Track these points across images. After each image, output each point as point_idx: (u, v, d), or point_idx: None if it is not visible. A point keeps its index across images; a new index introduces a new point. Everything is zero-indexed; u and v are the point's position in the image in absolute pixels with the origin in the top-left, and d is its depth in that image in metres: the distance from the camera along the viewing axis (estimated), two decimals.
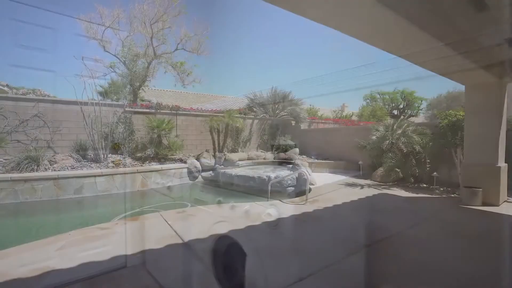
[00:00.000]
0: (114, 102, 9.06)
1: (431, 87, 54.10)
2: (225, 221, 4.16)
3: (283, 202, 5.39)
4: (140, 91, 11.69)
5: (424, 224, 4.07)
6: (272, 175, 7.53)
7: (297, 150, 11.81)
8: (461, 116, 6.15)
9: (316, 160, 10.65)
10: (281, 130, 13.41)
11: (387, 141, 6.89)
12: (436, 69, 4.40)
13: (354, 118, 21.27)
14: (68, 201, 6.26)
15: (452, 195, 6.04)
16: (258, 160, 10.75)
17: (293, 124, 13.47)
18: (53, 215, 5.35)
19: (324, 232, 3.67)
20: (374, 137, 7.32)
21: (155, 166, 8.26)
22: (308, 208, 4.94)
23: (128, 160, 8.43)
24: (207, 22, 11.19)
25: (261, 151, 12.31)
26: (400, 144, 7.11)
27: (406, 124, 7.21)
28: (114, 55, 10.55)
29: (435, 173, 6.59)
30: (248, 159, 10.75)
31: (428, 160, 7.10)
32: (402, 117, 26.27)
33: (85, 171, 6.93)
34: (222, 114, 10.48)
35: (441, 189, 6.53)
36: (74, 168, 7.24)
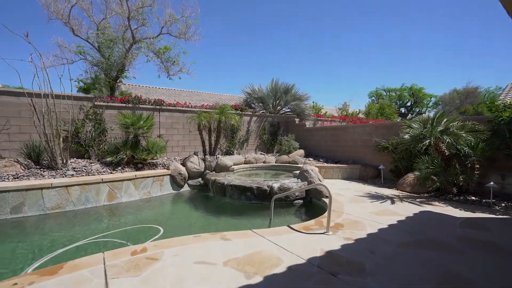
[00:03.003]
0: (79, 94, 7.38)
1: (437, 84, 52.55)
2: (204, 273, 2.52)
3: (293, 229, 3.74)
4: (119, 83, 10.00)
5: None
6: (275, 184, 5.90)
7: (302, 151, 10.20)
8: None
9: (325, 164, 9.02)
10: (283, 128, 11.78)
11: (427, 141, 5.25)
12: None
13: (360, 116, 19.66)
14: None
15: None
16: (257, 164, 9.11)
17: (296, 122, 11.83)
18: None
19: None
20: (406, 136, 5.69)
21: (128, 173, 6.59)
22: (333, 241, 3.30)
23: (96, 166, 6.75)
24: (197, 1, 9.51)
25: (261, 153, 10.66)
26: (441, 145, 5.48)
27: (449, 119, 5.57)
28: (86, 40, 8.85)
29: (492, 183, 4.96)
30: (245, 162, 9.11)
31: (477, 166, 5.48)
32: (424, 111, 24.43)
33: (28, 182, 5.25)
34: (214, 110, 8.84)
35: (503, 204, 4.90)
36: (17, 178, 5.55)
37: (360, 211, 4.72)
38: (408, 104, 25.77)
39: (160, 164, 7.84)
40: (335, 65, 64.75)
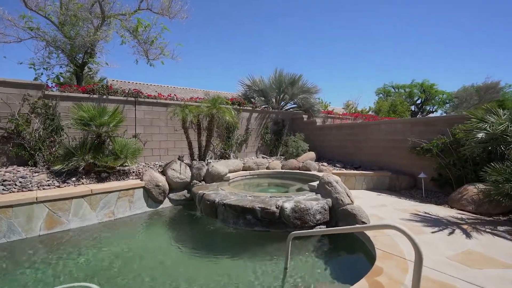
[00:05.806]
0: (20, 80, 5.53)
1: (450, 80, 50.36)
2: None
3: None
4: (88, 73, 8.15)
5: None
6: (288, 204, 4.10)
7: (313, 154, 8.41)
8: None
9: (344, 170, 7.22)
10: (289, 126, 9.98)
11: None
12: None
13: (370, 113, 17.94)
14: None
15: None
16: (259, 171, 7.30)
17: (304, 119, 10.03)
18: None
19: None
20: (480, 135, 3.91)
21: (81, 187, 4.77)
22: None
23: (40, 177, 4.92)
24: None
25: (263, 157, 8.85)
26: None
27: None
28: (43, 15, 7.00)
29: None
30: (244, 169, 7.30)
31: None
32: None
33: None
34: (203, 102, 7.03)
35: None
36: None
37: (430, 254, 2.92)
38: (418, 101, 24.05)
39: (133, 172, 6.03)
40: (338, 62, 63.05)
